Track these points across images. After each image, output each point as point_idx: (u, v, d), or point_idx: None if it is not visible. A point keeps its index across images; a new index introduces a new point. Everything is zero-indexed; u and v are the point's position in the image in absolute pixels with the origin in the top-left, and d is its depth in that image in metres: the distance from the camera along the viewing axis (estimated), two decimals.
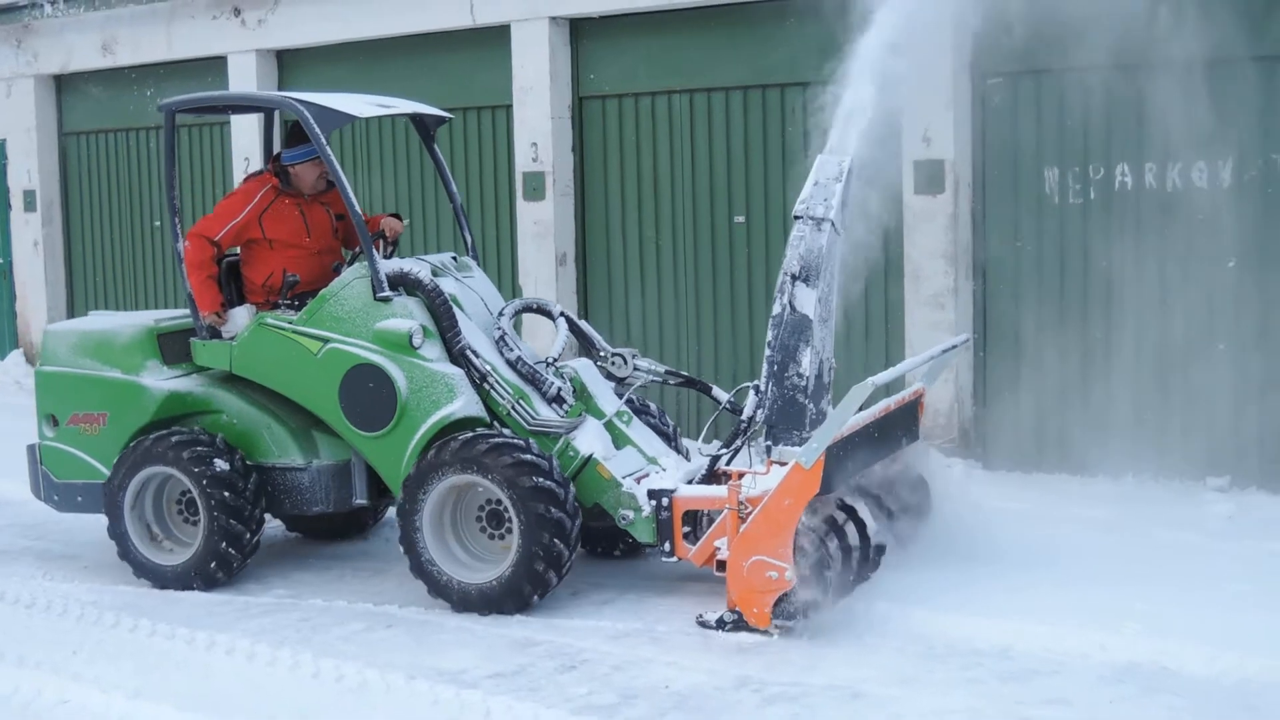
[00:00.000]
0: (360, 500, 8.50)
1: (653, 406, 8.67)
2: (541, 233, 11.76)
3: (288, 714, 6.33)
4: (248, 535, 8.29)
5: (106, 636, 7.56)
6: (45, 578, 8.75)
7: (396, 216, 8.75)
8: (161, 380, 8.57)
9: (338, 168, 8.21)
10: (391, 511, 8.92)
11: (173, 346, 8.70)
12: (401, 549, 7.84)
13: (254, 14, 13.32)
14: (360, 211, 8.22)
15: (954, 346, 8.29)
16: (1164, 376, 9.40)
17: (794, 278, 7.63)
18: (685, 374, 8.78)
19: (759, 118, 11.07)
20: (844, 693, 6.37)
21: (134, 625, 7.67)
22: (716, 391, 8.62)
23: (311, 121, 8.12)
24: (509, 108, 11.96)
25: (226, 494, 8.17)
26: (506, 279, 12.20)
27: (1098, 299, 9.66)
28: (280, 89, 13.58)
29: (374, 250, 8.15)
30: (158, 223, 14.70)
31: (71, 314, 15.54)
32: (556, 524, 7.51)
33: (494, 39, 12.01)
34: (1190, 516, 8.55)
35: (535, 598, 7.62)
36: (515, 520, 7.56)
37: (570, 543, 7.60)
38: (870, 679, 6.51)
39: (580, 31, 11.80)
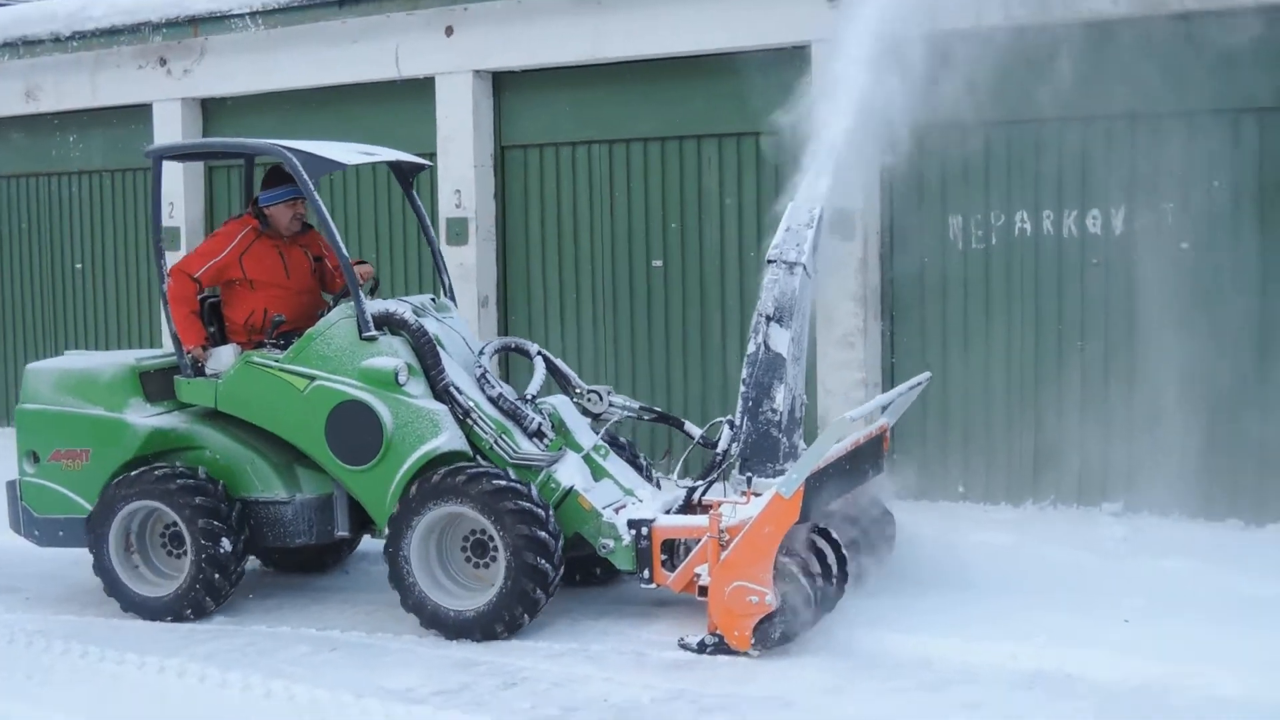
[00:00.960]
0: (342, 532, 8.72)
1: (625, 441, 9.00)
2: (464, 275, 12.11)
3: None
4: (234, 564, 8.50)
5: (57, 663, 7.81)
6: None
7: (362, 262, 9.00)
8: (145, 417, 8.75)
9: (325, 213, 8.52)
10: (366, 542, 9.27)
11: (155, 384, 8.90)
12: (391, 583, 8.08)
13: (180, 64, 13.51)
14: (347, 254, 8.48)
15: (919, 384, 8.71)
16: (1062, 409, 9.89)
17: (768, 319, 8.07)
18: (658, 410, 9.13)
19: (676, 167, 11.50)
20: (776, 702, 6.79)
21: (84, 652, 7.93)
22: (689, 426, 8.95)
23: (300, 168, 8.39)
24: (433, 155, 12.33)
25: (214, 524, 8.39)
26: None
27: (998, 337, 10.16)
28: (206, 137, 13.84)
29: (359, 291, 8.40)
30: (79, 265, 14.85)
31: None
32: (541, 544, 7.79)
33: (418, 91, 12.36)
34: (1087, 538, 9.04)
35: (525, 618, 7.89)
36: (500, 544, 7.85)
37: (555, 562, 7.89)
38: (799, 690, 6.95)
39: (502, 84, 12.19)
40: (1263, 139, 9.31)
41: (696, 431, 8.88)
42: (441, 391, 8.33)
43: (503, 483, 7.89)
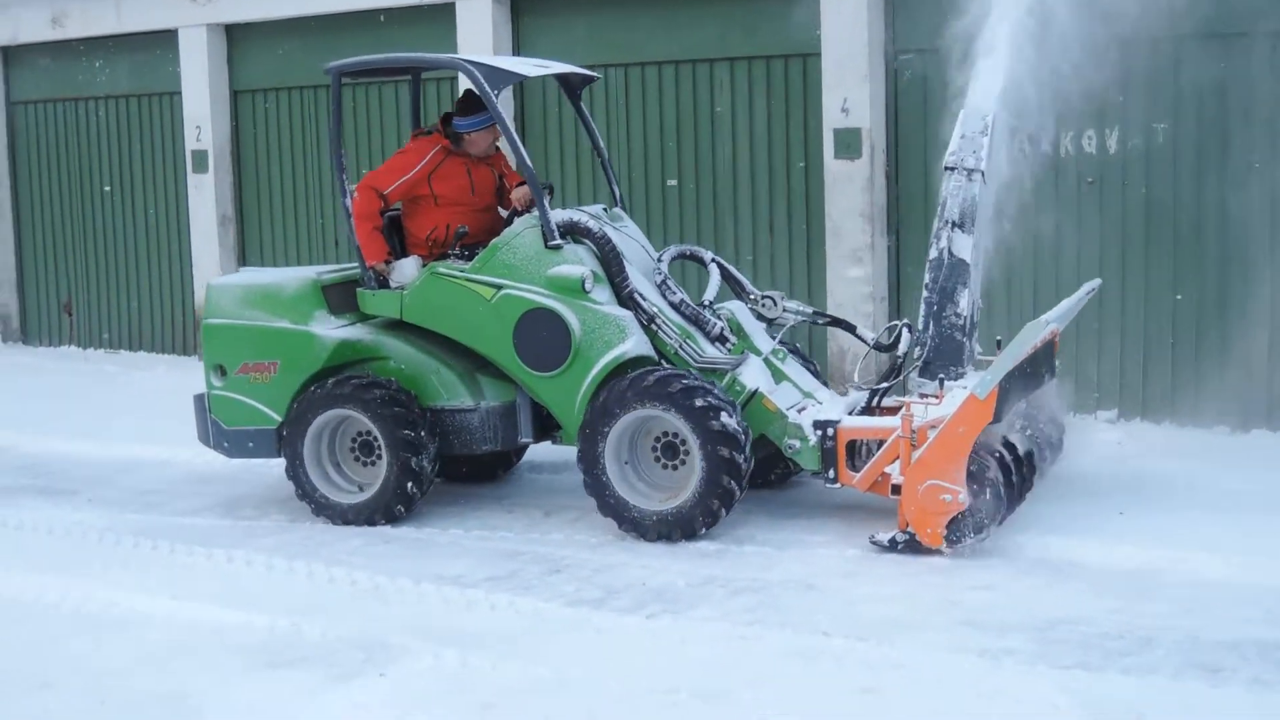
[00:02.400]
0: (526, 438, 8.89)
1: (795, 345, 9.12)
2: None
3: (315, 611, 7.19)
4: (429, 471, 8.74)
5: (130, 555, 8.36)
6: (54, 508, 9.48)
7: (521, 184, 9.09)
8: (331, 329, 8.93)
9: (508, 125, 8.70)
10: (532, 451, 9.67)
11: (336, 297, 9.08)
12: (586, 489, 8.30)
13: None
14: (532, 168, 8.67)
15: (1091, 291, 8.84)
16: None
17: (953, 224, 8.21)
18: (831, 314, 9.28)
19: (689, 89, 12.03)
20: (799, 585, 7.39)
21: (153, 545, 8.48)
22: (861, 330, 9.13)
23: (481, 80, 8.49)
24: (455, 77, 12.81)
25: (409, 433, 8.58)
26: None
27: (999, 252, 10.71)
28: (229, 64, 14.28)
29: (544, 200, 8.54)
30: (108, 188, 15.34)
31: (21, 281, 16.16)
32: (731, 438, 7.96)
33: (441, 14, 12.82)
34: (1084, 443, 9.61)
35: (723, 512, 8.08)
36: (694, 444, 8.00)
37: (747, 455, 8.05)
38: (819, 574, 7.54)
39: (521, 9, 12.65)
40: None
41: (869, 336, 9.05)
42: (626, 298, 8.47)
43: (693, 382, 8.05)
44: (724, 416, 7.98)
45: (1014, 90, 8.37)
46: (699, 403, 7.98)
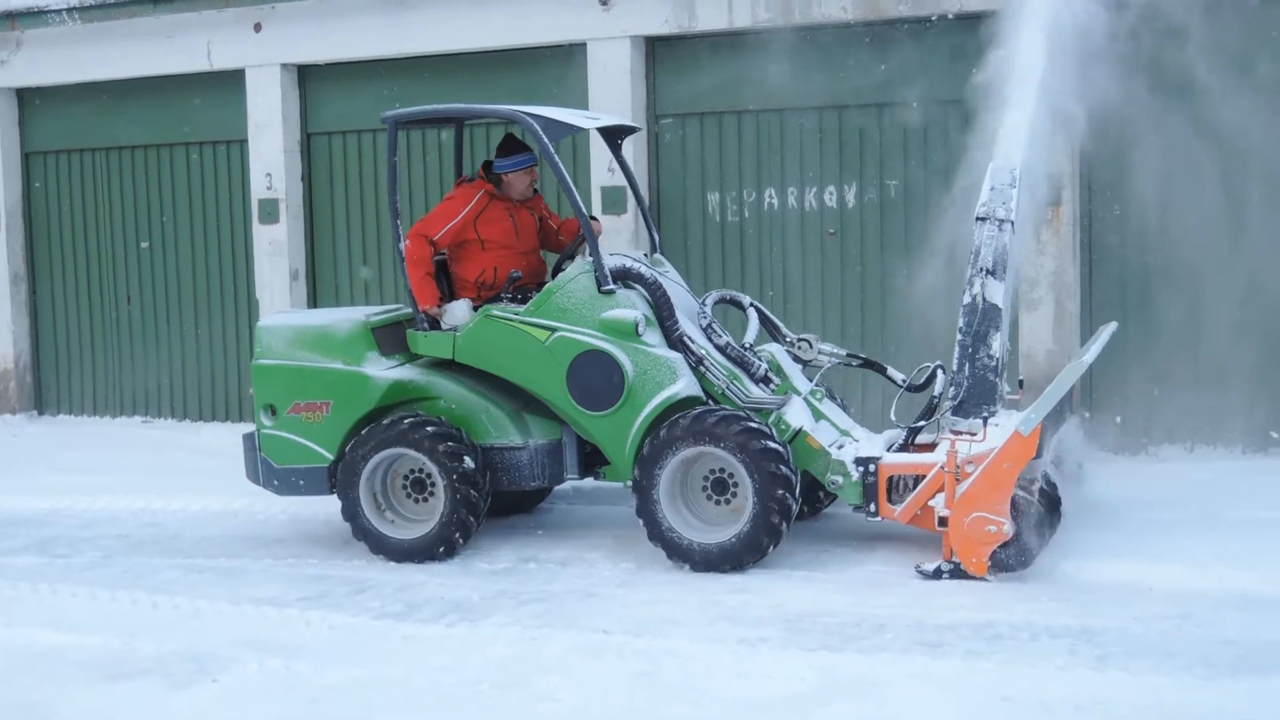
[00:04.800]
0: (572, 475, 9.29)
1: (827, 386, 9.45)
2: (276, 251, 13.36)
3: (144, 631, 7.85)
4: (483, 506, 9.10)
5: None
6: None
7: (594, 219, 9.54)
8: (383, 370, 9.25)
9: (565, 174, 9.04)
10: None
11: (386, 338, 9.42)
12: (640, 518, 8.70)
13: None
14: (585, 212, 9.11)
15: (1111, 332, 9.30)
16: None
17: (987, 272, 8.60)
18: (864, 356, 9.73)
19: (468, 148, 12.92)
20: (581, 594, 8.34)
21: None
22: (891, 371, 9.58)
23: (540, 133, 8.94)
24: (244, 143, 13.53)
25: (466, 471, 8.95)
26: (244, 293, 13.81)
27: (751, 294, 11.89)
28: (20, 126, 14.74)
29: (599, 247, 9.01)
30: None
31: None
32: (785, 480, 8.44)
33: (229, 82, 13.56)
34: None
35: (771, 548, 8.54)
36: (749, 482, 8.46)
37: (796, 496, 8.53)
38: (598, 584, 8.53)
39: (308, 76, 13.49)
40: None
41: (899, 377, 9.50)
42: (675, 341, 8.87)
43: (749, 424, 8.48)
44: (780, 463, 8.46)
45: None
46: (756, 445, 8.46)
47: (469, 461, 8.97)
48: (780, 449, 8.49)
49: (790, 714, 6.36)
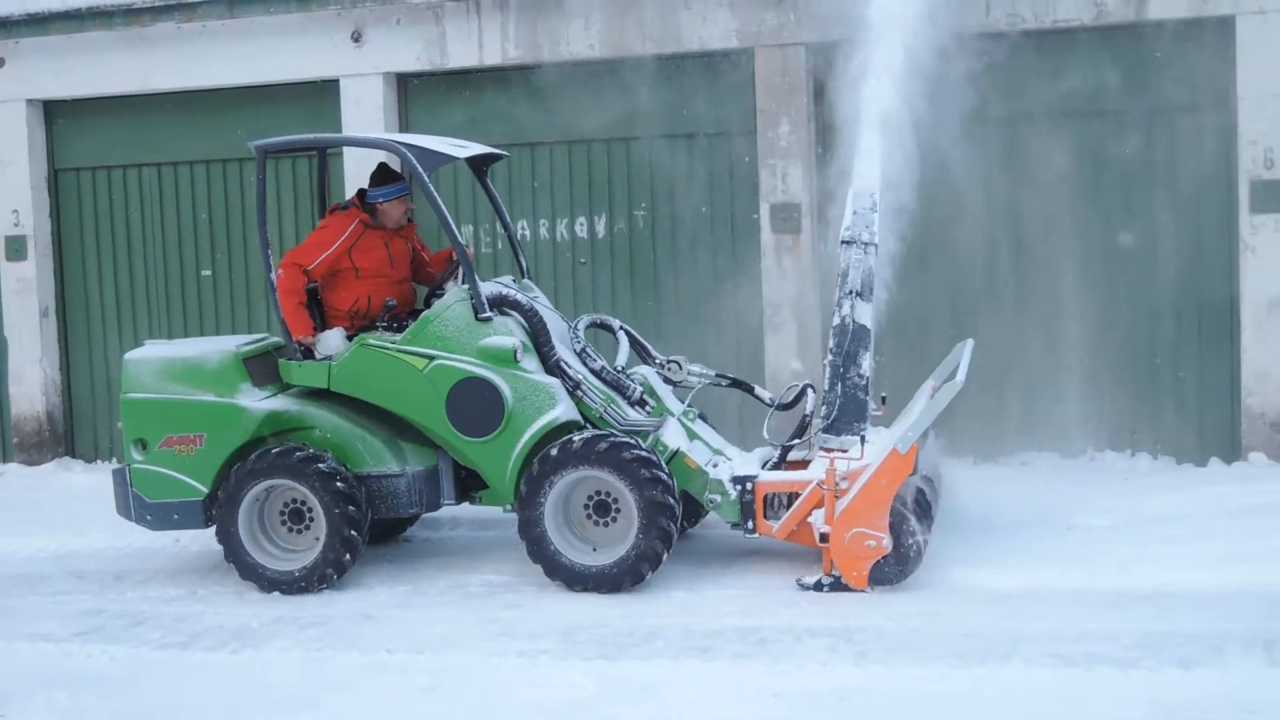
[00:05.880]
0: (448, 501, 9.31)
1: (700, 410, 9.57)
2: (25, 289, 13.19)
3: None
4: (362, 537, 9.03)
5: None
6: None
7: (466, 246, 9.36)
8: (257, 401, 9.15)
9: (439, 200, 9.04)
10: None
11: (257, 369, 9.31)
12: (524, 542, 8.77)
13: None
14: (463, 242, 9.13)
15: (971, 349, 9.31)
16: None
17: (855, 294, 8.87)
18: (732, 376, 9.89)
19: (220, 186, 13.06)
20: (359, 616, 8.56)
21: None
22: (759, 391, 9.78)
23: (415, 162, 8.95)
24: None
25: (346, 500, 8.91)
26: None
27: None
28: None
29: (475, 275, 9.04)
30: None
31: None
32: (669, 509, 8.59)
33: None
34: None
35: (649, 573, 8.65)
36: (634, 506, 8.61)
37: (677, 523, 8.68)
38: (374, 607, 8.75)
39: (55, 112, 13.39)
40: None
41: (766, 395, 9.71)
42: (553, 366, 8.98)
43: (639, 452, 8.60)
44: (667, 492, 8.60)
45: None
46: (646, 474, 8.60)
47: (348, 490, 8.98)
48: (668, 479, 8.67)
49: (577, 718, 6.71)
